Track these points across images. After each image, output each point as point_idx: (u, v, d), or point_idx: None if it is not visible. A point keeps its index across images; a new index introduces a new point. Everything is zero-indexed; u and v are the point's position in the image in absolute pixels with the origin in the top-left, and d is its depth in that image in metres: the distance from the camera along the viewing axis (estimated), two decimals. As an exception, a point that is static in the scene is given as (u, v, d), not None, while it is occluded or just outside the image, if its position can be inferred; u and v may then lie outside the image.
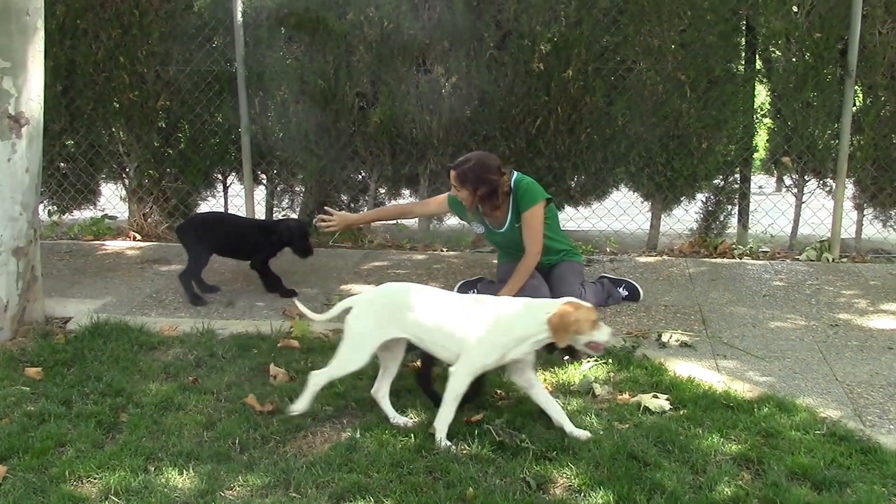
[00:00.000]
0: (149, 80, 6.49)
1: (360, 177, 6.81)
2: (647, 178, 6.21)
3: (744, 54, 6.14)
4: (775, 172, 6.76)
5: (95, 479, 2.89)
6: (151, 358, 4.02)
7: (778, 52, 6.08)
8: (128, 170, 6.81)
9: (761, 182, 8.15)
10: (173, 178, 6.76)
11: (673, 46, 5.93)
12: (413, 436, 3.17)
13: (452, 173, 4.39)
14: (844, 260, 5.88)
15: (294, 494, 2.80)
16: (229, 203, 7.08)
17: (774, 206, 6.66)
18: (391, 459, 2.99)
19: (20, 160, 4.17)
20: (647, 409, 3.39)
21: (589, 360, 3.86)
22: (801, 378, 3.76)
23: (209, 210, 6.78)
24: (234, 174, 6.93)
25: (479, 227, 4.67)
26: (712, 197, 6.37)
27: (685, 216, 6.47)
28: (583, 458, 2.97)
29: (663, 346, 4.15)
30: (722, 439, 3.11)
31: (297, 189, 6.92)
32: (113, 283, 5.29)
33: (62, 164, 6.89)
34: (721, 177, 6.32)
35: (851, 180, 6.13)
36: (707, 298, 4.92)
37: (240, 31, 6.21)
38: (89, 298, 4.93)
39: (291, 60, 6.35)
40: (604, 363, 3.85)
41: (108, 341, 4.17)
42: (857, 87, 5.83)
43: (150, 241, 6.54)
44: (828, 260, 5.84)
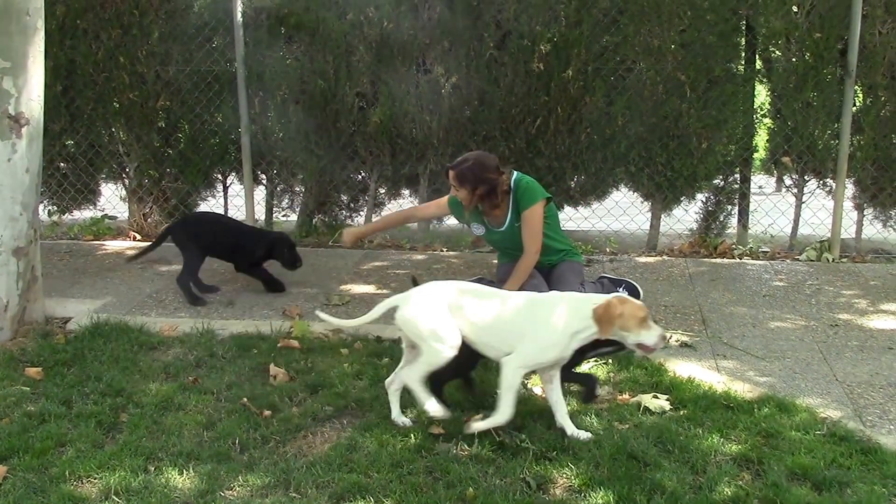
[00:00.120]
0: (149, 80, 6.49)
1: (360, 177, 6.81)
2: (647, 178, 6.21)
3: (744, 54, 6.15)
4: (775, 172, 6.76)
5: (95, 479, 2.89)
6: (151, 358, 4.02)
7: (778, 52, 6.09)
8: (128, 170, 6.81)
9: (761, 182, 8.16)
10: (173, 178, 6.76)
11: (673, 46, 5.93)
12: (413, 436, 3.17)
13: (451, 173, 4.39)
14: (844, 260, 5.88)
15: (294, 494, 2.80)
16: (229, 203, 7.07)
17: (774, 207, 6.66)
18: (391, 459, 2.99)
19: (20, 160, 4.17)
20: (647, 409, 3.39)
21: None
22: (801, 378, 3.76)
23: (203, 210, 6.79)
24: (234, 174, 6.93)
25: (479, 228, 4.66)
26: (712, 197, 6.37)
27: (685, 216, 6.47)
28: (583, 459, 2.97)
29: (663, 346, 4.14)
30: (722, 439, 3.11)
31: (297, 189, 6.92)
32: (113, 283, 5.29)
33: (62, 164, 6.89)
34: (721, 177, 6.32)
35: (851, 180, 6.13)
36: (707, 298, 4.92)
37: (240, 31, 6.21)
38: (89, 298, 4.93)
39: (291, 60, 6.35)
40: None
41: (108, 341, 4.17)
42: (857, 87, 5.83)
43: (150, 241, 6.52)
44: (828, 260, 5.85)
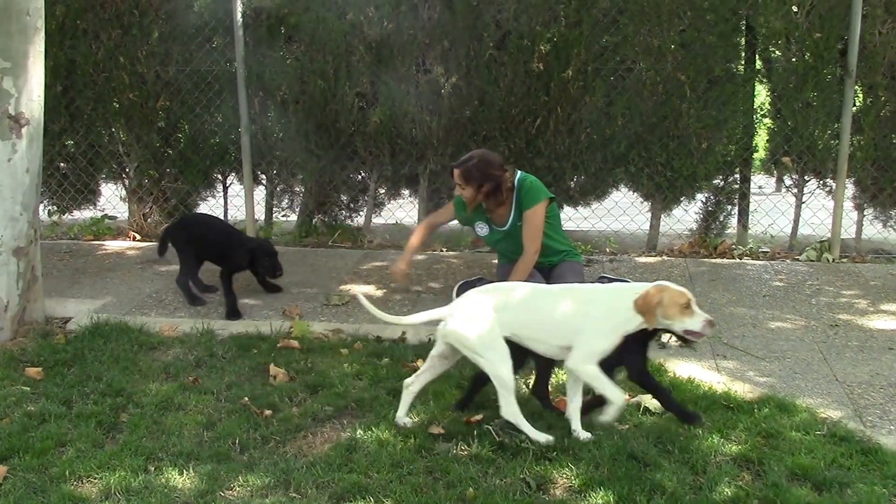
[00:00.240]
0: (148, 80, 6.49)
1: (360, 177, 6.80)
2: (647, 179, 6.21)
3: (744, 54, 6.14)
4: (775, 172, 6.76)
5: (95, 479, 2.89)
6: (151, 358, 4.02)
7: (778, 52, 6.08)
8: (128, 170, 6.81)
9: (761, 182, 8.15)
10: (173, 178, 6.76)
11: (673, 46, 5.92)
12: (413, 436, 3.17)
13: (456, 171, 4.39)
14: (844, 260, 5.88)
15: (294, 495, 2.80)
16: (229, 203, 7.07)
17: (774, 207, 6.66)
18: (391, 459, 2.99)
19: (20, 160, 4.17)
20: (647, 409, 3.39)
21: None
22: (801, 378, 3.76)
23: (200, 213, 6.69)
24: (234, 174, 6.92)
25: (483, 228, 4.66)
26: (712, 197, 6.37)
27: (685, 216, 6.47)
28: (583, 459, 2.97)
29: (663, 346, 4.15)
30: (722, 440, 3.12)
31: (297, 189, 6.91)
32: (113, 283, 5.29)
33: (62, 165, 6.88)
34: (721, 177, 6.32)
35: (851, 180, 6.12)
36: (707, 299, 4.92)
37: (240, 31, 6.20)
38: (89, 298, 4.93)
39: (291, 60, 6.35)
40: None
41: (108, 341, 4.17)
42: (857, 87, 5.83)
43: (150, 241, 6.53)
44: (828, 260, 5.84)
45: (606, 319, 3.09)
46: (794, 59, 5.94)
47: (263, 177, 6.87)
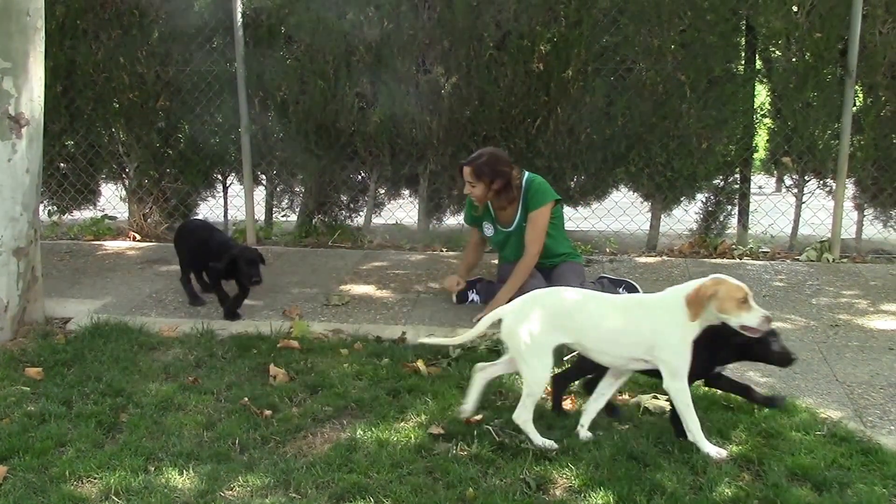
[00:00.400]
0: (148, 80, 6.49)
1: (360, 177, 6.80)
2: (647, 179, 6.21)
3: (744, 54, 6.14)
4: (775, 172, 6.76)
5: (95, 479, 2.89)
6: (151, 358, 4.02)
7: (778, 52, 6.08)
8: (128, 170, 6.81)
9: (761, 182, 8.14)
10: (173, 178, 6.76)
11: (673, 46, 5.92)
12: (413, 436, 3.17)
13: (467, 169, 4.38)
14: (845, 260, 5.87)
15: (294, 495, 2.80)
16: (229, 203, 7.07)
17: (774, 207, 6.66)
18: (391, 460, 2.99)
19: (20, 161, 4.17)
20: (646, 409, 3.39)
21: None
22: (801, 378, 3.76)
23: (198, 219, 6.35)
24: (234, 174, 6.92)
25: (489, 229, 4.66)
26: (712, 197, 6.36)
27: (685, 216, 6.47)
28: (583, 459, 2.97)
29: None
30: (722, 440, 3.11)
31: (297, 189, 6.91)
32: (113, 283, 5.29)
33: (62, 165, 6.89)
34: (721, 177, 6.31)
35: (852, 180, 6.12)
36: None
37: (239, 31, 6.20)
38: (89, 299, 4.93)
39: (291, 60, 6.35)
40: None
41: (108, 341, 4.17)
42: (857, 87, 5.83)
43: (150, 241, 6.54)
44: (828, 260, 5.84)
45: (672, 328, 2.99)
46: (794, 59, 5.94)
47: (263, 177, 6.87)
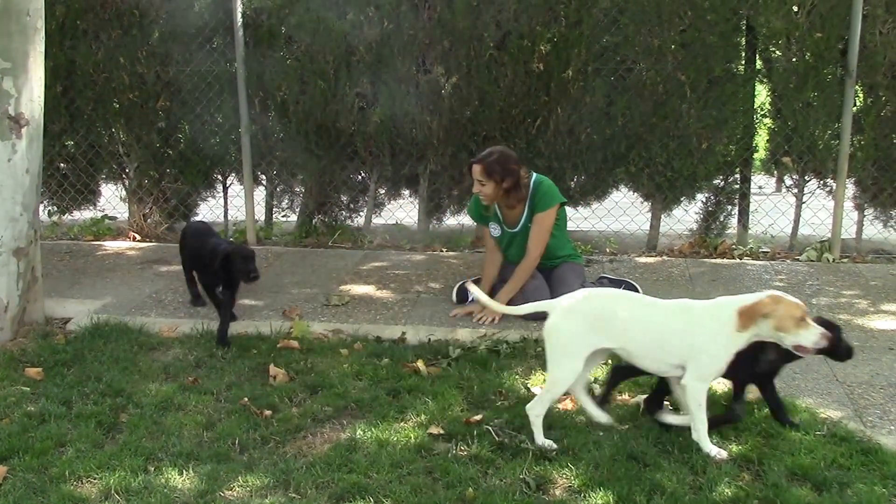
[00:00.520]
0: (149, 80, 6.49)
1: (360, 177, 6.80)
2: (647, 179, 6.21)
3: (744, 54, 6.13)
4: (775, 172, 6.76)
5: (95, 479, 2.89)
6: (151, 358, 4.03)
7: (778, 52, 6.08)
8: (128, 170, 6.81)
9: (761, 182, 8.14)
10: (173, 178, 6.76)
11: (673, 46, 5.92)
12: (413, 436, 3.17)
13: (478, 167, 4.37)
14: (845, 260, 5.87)
15: (294, 495, 2.80)
16: (229, 204, 7.07)
17: (775, 207, 6.65)
18: (391, 460, 2.99)
19: (20, 161, 4.18)
20: (646, 409, 3.38)
21: None
22: (801, 378, 3.76)
23: (201, 220, 6.00)
24: (234, 175, 6.92)
25: (496, 229, 4.66)
26: (712, 197, 6.36)
27: (685, 216, 6.47)
28: (582, 459, 2.97)
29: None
30: (722, 440, 3.11)
31: (297, 189, 6.91)
32: (113, 283, 5.29)
33: (62, 165, 6.89)
34: (721, 177, 6.31)
35: (852, 180, 6.12)
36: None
37: (240, 31, 6.21)
38: (89, 299, 4.92)
39: (291, 61, 6.35)
40: (603, 364, 3.84)
41: (108, 342, 4.18)
42: (857, 86, 5.82)
43: (150, 241, 6.54)
44: (828, 260, 5.84)
45: (721, 335, 2.97)
46: (794, 59, 5.94)
47: (263, 177, 6.87)
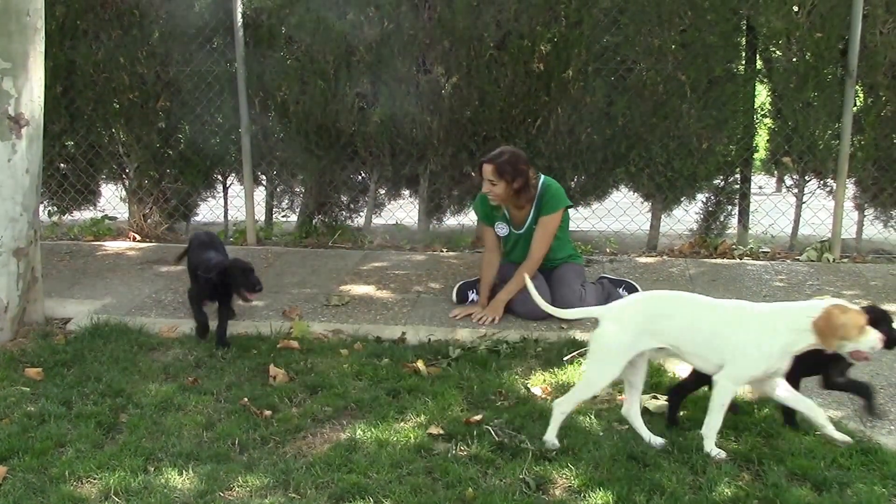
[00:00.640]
0: (149, 80, 6.49)
1: (360, 177, 6.80)
2: (648, 179, 6.20)
3: (744, 54, 6.13)
4: (776, 172, 6.76)
5: (95, 479, 2.89)
6: (151, 359, 4.03)
7: (778, 52, 6.07)
8: (128, 170, 6.81)
9: (762, 182, 8.14)
10: (173, 178, 6.76)
11: (673, 46, 5.92)
12: (412, 436, 3.17)
13: (489, 167, 4.36)
14: (845, 260, 5.87)
15: (293, 495, 2.80)
16: (229, 204, 7.07)
17: (775, 207, 6.65)
18: (390, 460, 2.99)
19: (20, 161, 4.18)
20: (646, 409, 3.37)
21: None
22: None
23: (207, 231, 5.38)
24: (234, 175, 6.92)
25: (503, 228, 4.65)
26: (712, 197, 6.36)
27: (685, 216, 6.47)
28: (582, 459, 2.97)
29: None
30: (722, 440, 3.11)
31: (297, 190, 6.92)
32: (113, 283, 5.29)
33: (62, 165, 6.89)
34: (721, 177, 6.31)
35: (852, 180, 6.12)
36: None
37: (240, 31, 6.20)
38: (89, 299, 4.92)
39: (291, 61, 6.34)
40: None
41: (108, 342, 4.17)
42: (857, 86, 5.82)
43: (150, 241, 6.54)
44: (828, 260, 5.84)
45: (771, 343, 2.93)
46: (794, 59, 5.93)
47: (264, 177, 6.87)
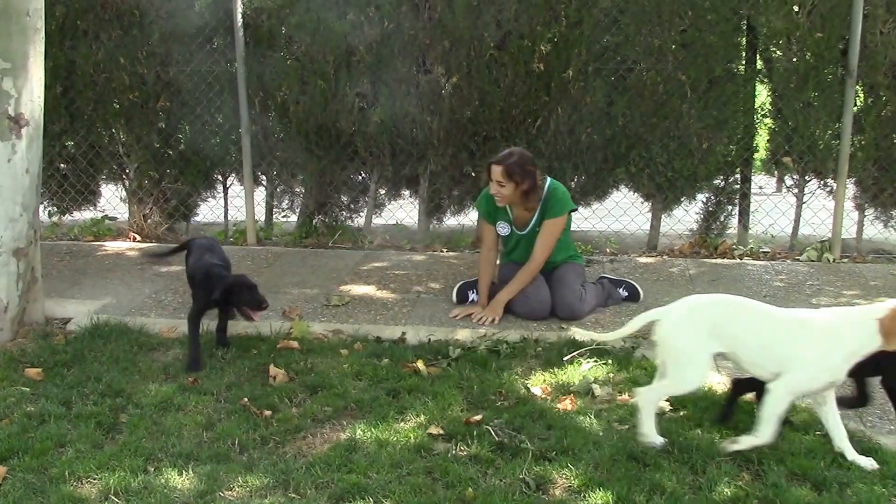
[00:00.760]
0: (149, 80, 6.49)
1: (361, 177, 6.80)
2: (648, 179, 6.20)
3: (744, 54, 6.13)
4: (776, 173, 6.76)
5: (95, 479, 2.89)
6: (151, 359, 4.03)
7: (779, 52, 6.07)
8: (128, 171, 6.81)
9: (762, 182, 8.14)
10: (173, 178, 6.76)
11: (674, 46, 5.92)
12: (412, 436, 3.17)
13: (498, 168, 4.35)
14: (845, 260, 5.87)
15: (293, 495, 2.80)
16: (230, 204, 7.07)
17: (775, 207, 6.65)
18: (390, 460, 2.99)
19: (20, 161, 4.17)
20: (646, 409, 3.38)
21: (588, 360, 3.86)
22: (801, 378, 3.75)
23: (207, 237, 4.99)
24: (235, 175, 6.92)
25: (505, 228, 4.65)
26: (713, 197, 6.36)
27: (685, 216, 6.47)
28: (582, 459, 2.97)
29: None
30: (722, 439, 3.11)
31: (297, 190, 6.92)
32: (113, 284, 5.29)
33: (62, 165, 6.89)
34: (721, 177, 6.31)
35: (852, 180, 6.12)
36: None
37: (240, 31, 6.21)
38: (89, 299, 4.92)
39: (292, 61, 6.35)
40: (603, 364, 3.84)
41: (108, 342, 4.17)
42: (858, 86, 5.82)
43: (150, 242, 6.54)
44: (828, 260, 5.84)
45: (836, 351, 2.88)
46: (795, 59, 5.93)
47: (264, 177, 6.88)
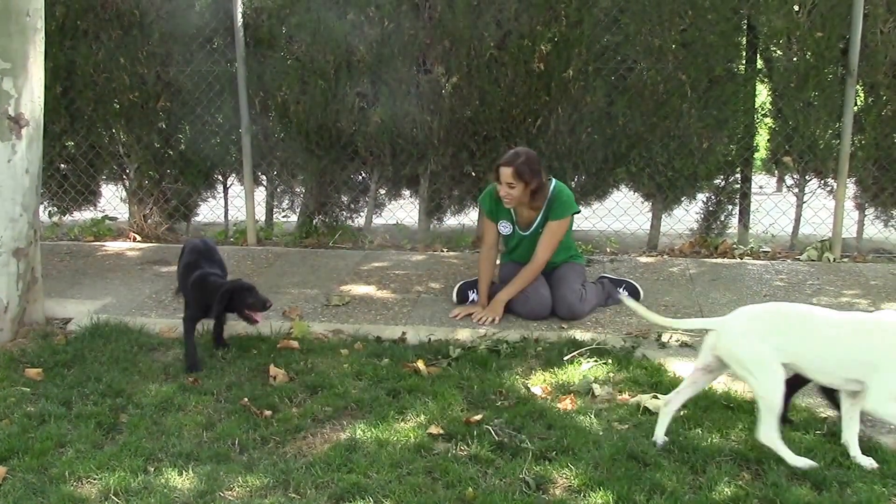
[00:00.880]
0: (149, 80, 6.49)
1: (361, 177, 6.80)
2: (648, 178, 6.20)
3: (745, 53, 6.12)
4: (776, 172, 6.76)
5: (95, 479, 2.89)
6: (151, 359, 4.03)
7: (779, 52, 6.07)
8: (128, 171, 6.81)
9: (762, 182, 8.13)
10: (174, 179, 6.76)
11: (674, 46, 5.92)
12: (412, 436, 3.17)
13: (507, 170, 4.34)
14: (845, 260, 5.86)
15: (293, 495, 2.80)
16: (230, 204, 7.07)
17: (775, 206, 6.65)
18: (390, 460, 2.99)
19: (20, 161, 4.18)
20: (646, 409, 3.38)
21: (588, 360, 3.86)
22: (801, 378, 3.75)
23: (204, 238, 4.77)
24: (235, 175, 6.92)
25: (507, 227, 4.65)
26: (713, 197, 6.35)
27: (686, 216, 6.47)
28: (582, 459, 2.97)
29: (663, 346, 4.15)
30: (722, 439, 3.11)
31: (298, 190, 6.92)
32: (113, 284, 5.29)
33: (62, 166, 6.89)
34: (722, 176, 6.30)
35: (853, 180, 6.11)
36: (707, 298, 4.91)
37: (240, 31, 6.20)
38: (89, 299, 4.92)
39: (292, 61, 6.34)
40: (604, 363, 3.84)
41: (108, 342, 4.17)
42: (858, 86, 5.81)
43: (150, 242, 6.54)
44: (829, 260, 5.83)
45: None
46: (795, 59, 5.93)
47: (264, 177, 6.88)
